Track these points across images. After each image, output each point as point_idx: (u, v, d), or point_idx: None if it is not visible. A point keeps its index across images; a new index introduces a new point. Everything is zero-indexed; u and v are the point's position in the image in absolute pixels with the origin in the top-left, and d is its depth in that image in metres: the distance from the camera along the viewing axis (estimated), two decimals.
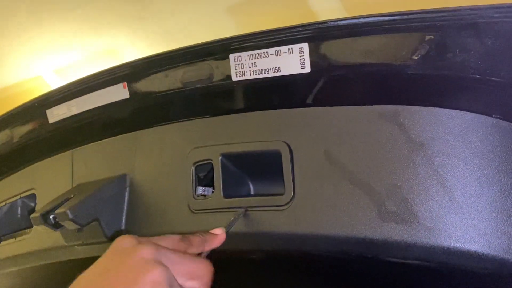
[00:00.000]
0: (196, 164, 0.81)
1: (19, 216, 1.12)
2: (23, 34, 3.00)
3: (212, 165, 0.79)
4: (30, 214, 1.10)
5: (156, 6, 2.86)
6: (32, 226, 1.06)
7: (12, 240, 1.02)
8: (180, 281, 0.55)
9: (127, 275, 0.52)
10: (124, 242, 0.56)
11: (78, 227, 0.79)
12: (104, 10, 2.88)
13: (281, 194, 0.73)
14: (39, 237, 0.95)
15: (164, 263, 0.53)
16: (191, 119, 0.84)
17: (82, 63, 3.33)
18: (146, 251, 0.54)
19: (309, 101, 0.73)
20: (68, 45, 3.21)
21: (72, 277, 1.01)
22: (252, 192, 0.82)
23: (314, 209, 0.69)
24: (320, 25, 0.66)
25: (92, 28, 3.05)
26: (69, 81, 0.92)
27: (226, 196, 0.77)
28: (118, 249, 0.56)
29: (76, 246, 0.89)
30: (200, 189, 0.80)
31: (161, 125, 0.86)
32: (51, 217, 0.81)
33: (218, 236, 0.66)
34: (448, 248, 0.60)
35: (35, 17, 2.87)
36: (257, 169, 0.80)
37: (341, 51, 0.67)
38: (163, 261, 0.54)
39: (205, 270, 0.57)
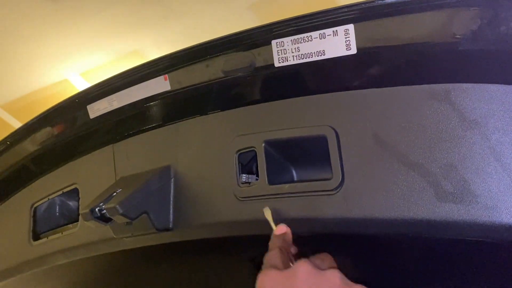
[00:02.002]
0: (239, 152, 0.80)
1: (57, 214, 1.14)
2: (48, 38, 3.05)
3: (255, 152, 0.79)
4: (68, 212, 1.13)
5: (179, 6, 2.87)
6: (70, 223, 1.08)
7: (59, 234, 1.04)
8: None
9: None
10: None
11: (128, 221, 0.79)
12: (127, 11, 2.91)
13: (329, 179, 0.72)
14: (87, 231, 0.97)
15: None
16: (233, 108, 0.83)
17: (108, 65, 3.37)
18: None
19: (355, 83, 0.72)
20: (93, 48, 3.26)
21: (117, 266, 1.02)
22: (296, 179, 0.82)
23: (366, 193, 0.68)
24: (366, 4, 0.65)
25: (116, 30, 3.09)
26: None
27: (271, 182, 0.77)
28: None
29: (125, 238, 0.89)
30: (244, 177, 0.80)
31: (202, 115, 0.86)
32: (100, 211, 0.82)
33: (287, 233, 0.69)
34: (510, 225, 0.59)
35: (60, 21, 2.92)
36: (300, 156, 0.80)
37: (388, 30, 0.66)
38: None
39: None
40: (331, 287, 0.57)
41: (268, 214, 0.73)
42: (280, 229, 0.69)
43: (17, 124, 3.53)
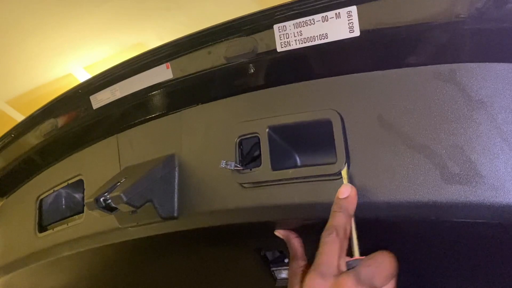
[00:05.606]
0: (241, 137, 0.80)
1: (63, 206, 1.14)
2: (51, 32, 3.05)
3: (259, 139, 0.78)
4: (74, 204, 1.13)
5: None
6: (76, 214, 1.08)
7: (65, 226, 1.04)
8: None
9: None
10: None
11: (133, 209, 0.79)
12: (130, 3, 2.90)
13: (333, 163, 0.71)
14: (92, 222, 0.97)
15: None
16: (236, 95, 0.83)
17: (112, 58, 3.36)
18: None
19: (358, 66, 0.71)
20: (96, 41, 3.25)
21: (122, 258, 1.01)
22: (299, 164, 0.81)
23: (372, 176, 0.67)
24: None
25: (119, 23, 3.08)
26: None
27: (275, 168, 0.76)
28: None
29: (129, 228, 0.89)
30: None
31: (205, 103, 0.86)
32: (104, 201, 0.81)
33: (350, 196, 0.65)
34: None
35: (62, 15, 2.91)
36: (304, 141, 0.79)
37: (392, 11, 0.65)
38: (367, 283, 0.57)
39: (392, 265, 0.59)
40: None
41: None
42: (344, 191, 0.66)
43: None
